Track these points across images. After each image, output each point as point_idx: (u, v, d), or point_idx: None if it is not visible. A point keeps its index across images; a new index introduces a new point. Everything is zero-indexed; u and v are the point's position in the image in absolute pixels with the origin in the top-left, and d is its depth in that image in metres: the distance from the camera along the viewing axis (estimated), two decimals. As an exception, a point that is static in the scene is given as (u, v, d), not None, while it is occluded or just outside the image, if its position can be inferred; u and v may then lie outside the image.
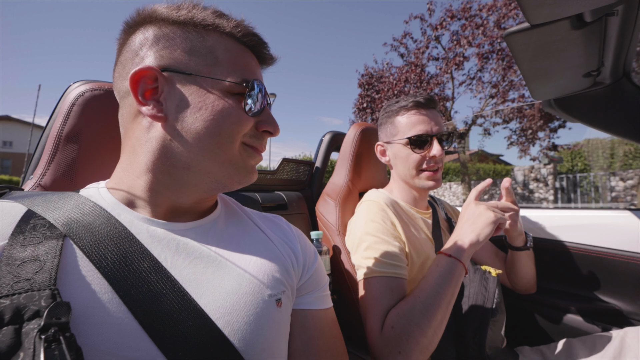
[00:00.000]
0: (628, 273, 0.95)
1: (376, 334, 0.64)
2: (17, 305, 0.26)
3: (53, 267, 0.30)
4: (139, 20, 0.41)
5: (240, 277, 0.40)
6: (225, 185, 0.43)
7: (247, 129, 0.42)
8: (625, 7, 0.55)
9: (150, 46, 0.40)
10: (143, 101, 0.39)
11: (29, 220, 0.34)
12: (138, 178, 0.41)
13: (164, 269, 0.35)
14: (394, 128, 0.89)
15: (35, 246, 0.31)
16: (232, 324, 0.36)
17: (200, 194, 0.43)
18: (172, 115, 0.39)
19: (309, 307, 0.48)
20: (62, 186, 0.54)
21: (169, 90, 0.39)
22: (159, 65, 0.39)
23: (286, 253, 0.48)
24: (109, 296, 0.31)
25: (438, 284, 0.63)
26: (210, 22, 0.40)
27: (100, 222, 0.36)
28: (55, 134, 0.55)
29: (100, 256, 0.33)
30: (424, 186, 0.86)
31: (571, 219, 1.09)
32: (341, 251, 0.89)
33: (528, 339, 1.05)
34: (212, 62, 0.40)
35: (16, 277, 0.28)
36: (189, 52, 0.40)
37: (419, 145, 0.84)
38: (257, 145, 0.44)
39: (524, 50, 0.66)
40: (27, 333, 0.25)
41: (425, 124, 0.84)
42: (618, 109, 0.89)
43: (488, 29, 8.28)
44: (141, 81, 0.39)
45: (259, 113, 0.43)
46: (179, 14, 0.40)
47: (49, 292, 0.27)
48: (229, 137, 0.40)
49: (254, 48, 0.44)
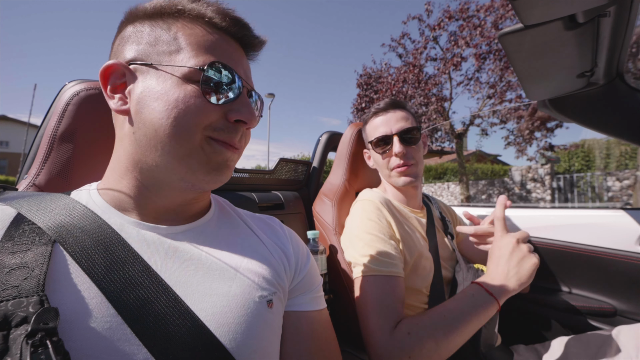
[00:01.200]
0: (622, 272, 0.96)
1: (384, 334, 0.64)
2: (5, 312, 0.26)
3: (41, 273, 0.30)
4: (122, 23, 0.42)
5: (231, 279, 0.39)
6: (193, 184, 0.40)
7: (211, 119, 0.38)
8: (617, 8, 0.56)
9: (124, 44, 0.40)
10: (111, 95, 0.39)
11: (18, 226, 0.34)
12: (122, 178, 0.41)
13: (154, 273, 0.35)
14: (365, 135, 0.97)
15: (24, 253, 0.31)
16: (223, 325, 0.36)
17: (176, 194, 0.41)
18: (133, 107, 0.38)
19: (301, 308, 0.48)
20: (56, 186, 0.54)
21: (133, 83, 0.39)
22: (126, 60, 0.39)
23: (278, 255, 0.48)
24: (98, 300, 0.31)
25: (469, 313, 0.63)
26: (176, 9, 0.39)
27: (90, 227, 0.35)
28: (50, 133, 0.55)
29: (90, 261, 0.33)
30: (398, 183, 0.88)
31: (566, 218, 1.10)
32: (337, 251, 0.89)
33: (523, 337, 1.05)
34: (175, 49, 0.38)
35: (4, 284, 0.28)
36: (152, 43, 0.39)
37: (382, 146, 0.89)
38: (225, 139, 0.39)
39: (518, 50, 0.67)
40: (14, 339, 0.25)
41: (384, 125, 0.88)
42: (612, 110, 0.90)
43: (486, 30, 8.31)
44: (111, 77, 0.39)
45: (229, 101, 0.39)
46: (150, 5, 0.40)
47: (37, 298, 0.28)
48: (185, 128, 0.37)
49: (229, 30, 0.41)
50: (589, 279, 1.03)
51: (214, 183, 0.41)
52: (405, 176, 0.87)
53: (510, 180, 10.91)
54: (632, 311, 0.94)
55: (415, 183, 0.89)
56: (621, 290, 0.97)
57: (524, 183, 10.66)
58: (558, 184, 10.24)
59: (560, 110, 0.96)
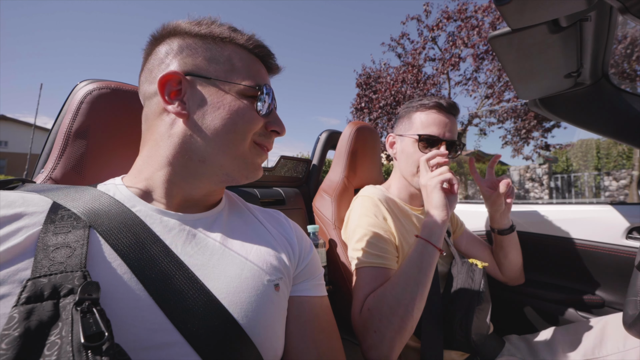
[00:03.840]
0: (609, 264, 0.99)
1: (356, 317, 0.69)
2: (54, 283, 0.30)
3: (83, 252, 0.34)
4: (164, 33, 0.47)
5: (242, 264, 0.44)
6: (234, 178, 0.47)
7: (258, 127, 0.47)
8: (597, 14, 0.59)
9: (175, 55, 0.45)
10: (169, 100, 0.44)
11: (57, 211, 0.38)
12: (158, 170, 0.45)
13: (173, 253, 0.39)
14: (409, 123, 0.90)
15: (66, 234, 0.35)
16: (235, 303, 0.40)
17: (211, 185, 0.48)
18: (193, 112, 0.44)
19: (304, 293, 0.52)
20: (71, 179, 0.57)
21: (191, 91, 0.44)
22: (183, 71, 0.44)
23: (283, 244, 0.52)
24: (128, 276, 0.36)
25: (408, 265, 0.67)
26: (226, 35, 0.46)
27: (115, 212, 0.40)
28: (65, 129, 0.58)
29: (118, 241, 0.37)
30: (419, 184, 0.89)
31: (557, 213, 1.14)
32: (337, 244, 0.92)
33: (516, 328, 1.09)
34: (229, 68, 0.46)
35: (51, 260, 0.32)
36: (208, 60, 0.45)
37: (427, 145, 0.85)
38: (265, 144, 0.49)
39: (507, 52, 0.70)
40: (64, 307, 0.29)
41: (440, 126, 0.85)
42: (599, 108, 0.93)
43: (483, 30, 8.37)
44: (167, 84, 0.44)
45: (268, 114, 0.48)
46: (200, 28, 0.46)
47: (81, 273, 0.32)
48: (242, 134, 0.45)
49: (263, 58, 0.50)
50: (579, 271, 1.07)
51: (250, 179, 0.49)
52: None
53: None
54: (619, 302, 0.97)
55: None
56: (609, 282, 1.01)
57: (522, 182, 10.72)
58: (556, 183, 10.31)
59: (550, 110, 1.00)
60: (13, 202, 0.36)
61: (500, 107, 9.07)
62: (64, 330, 0.27)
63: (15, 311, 0.27)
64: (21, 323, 0.26)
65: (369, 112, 10.40)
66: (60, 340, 0.26)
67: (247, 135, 0.46)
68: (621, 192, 8.72)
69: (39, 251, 0.33)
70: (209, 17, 0.48)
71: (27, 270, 0.31)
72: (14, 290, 0.30)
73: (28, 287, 0.29)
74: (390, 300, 0.64)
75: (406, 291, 0.64)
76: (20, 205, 0.36)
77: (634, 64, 2.56)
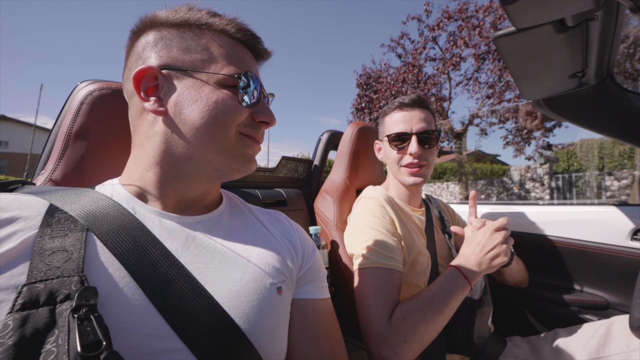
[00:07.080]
0: (614, 266, 0.98)
1: (382, 323, 0.67)
2: (51, 289, 0.29)
3: (80, 257, 0.33)
4: (141, 27, 0.45)
5: (244, 267, 0.43)
6: (225, 173, 0.45)
7: (242, 118, 0.44)
8: (604, 13, 0.59)
9: (151, 48, 0.43)
10: (145, 98, 0.42)
11: (53, 214, 0.36)
12: (147, 171, 0.44)
13: (173, 257, 0.38)
14: (383, 127, 0.96)
15: (63, 238, 0.34)
16: (237, 308, 0.39)
17: (204, 183, 0.46)
18: (171, 108, 0.42)
19: (307, 296, 0.51)
20: (72, 181, 0.56)
21: (168, 86, 0.42)
22: (159, 65, 0.42)
23: (286, 246, 0.51)
24: (127, 281, 0.34)
25: (451, 296, 0.69)
26: (204, 21, 0.43)
27: (114, 215, 0.39)
28: (65, 130, 0.57)
29: (117, 245, 0.36)
30: (406, 182, 0.90)
31: (560, 214, 1.13)
32: (339, 246, 0.91)
33: (519, 330, 1.08)
34: (207, 57, 0.43)
35: (48, 264, 0.31)
36: (184, 50, 0.43)
37: (398, 142, 0.89)
38: (253, 135, 0.46)
39: (512, 52, 0.70)
40: (60, 313, 0.28)
41: (406, 122, 0.88)
42: (603, 109, 0.93)
43: (484, 30, 8.36)
44: (143, 80, 0.42)
45: (254, 104, 0.45)
46: (175, 16, 0.43)
47: (78, 278, 0.31)
48: (223, 126, 0.42)
49: (247, 43, 0.47)
50: (583, 273, 1.06)
51: (243, 172, 0.47)
52: (416, 176, 0.88)
53: (509, 180, 10.95)
54: (624, 304, 0.97)
55: (423, 183, 0.91)
56: (613, 284, 1.00)
57: (522, 183, 10.70)
58: (557, 183, 10.28)
59: (554, 110, 0.99)
60: (8, 204, 0.35)
61: (502, 107, 9.05)
62: (60, 338, 0.26)
63: (9, 318, 0.26)
64: (16, 331, 0.26)
65: (369, 112, 10.39)
66: (57, 349, 0.26)
67: (230, 127, 0.43)
68: (623, 192, 8.70)
69: (34, 255, 0.31)
70: (187, 4, 0.44)
71: (23, 276, 0.30)
72: (8, 296, 0.29)
73: (23, 293, 0.28)
74: (428, 318, 0.66)
75: (441, 316, 0.67)
76: (15, 208, 0.35)
77: (636, 63, 2.55)
